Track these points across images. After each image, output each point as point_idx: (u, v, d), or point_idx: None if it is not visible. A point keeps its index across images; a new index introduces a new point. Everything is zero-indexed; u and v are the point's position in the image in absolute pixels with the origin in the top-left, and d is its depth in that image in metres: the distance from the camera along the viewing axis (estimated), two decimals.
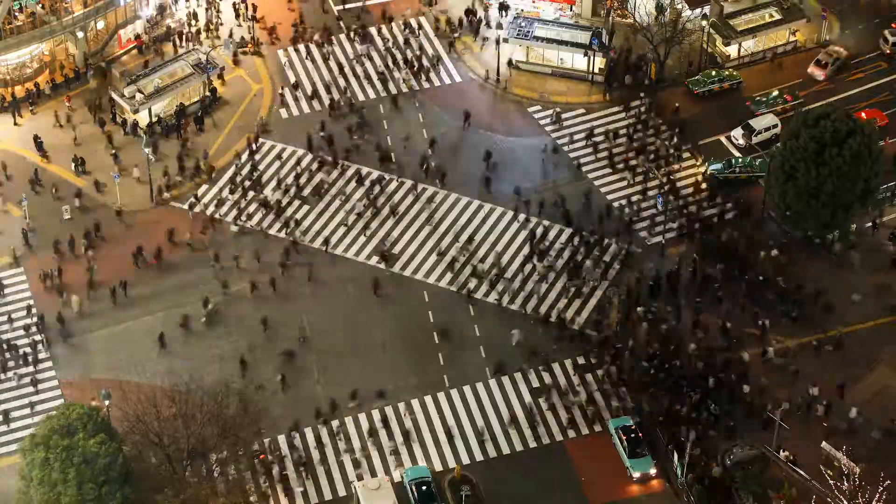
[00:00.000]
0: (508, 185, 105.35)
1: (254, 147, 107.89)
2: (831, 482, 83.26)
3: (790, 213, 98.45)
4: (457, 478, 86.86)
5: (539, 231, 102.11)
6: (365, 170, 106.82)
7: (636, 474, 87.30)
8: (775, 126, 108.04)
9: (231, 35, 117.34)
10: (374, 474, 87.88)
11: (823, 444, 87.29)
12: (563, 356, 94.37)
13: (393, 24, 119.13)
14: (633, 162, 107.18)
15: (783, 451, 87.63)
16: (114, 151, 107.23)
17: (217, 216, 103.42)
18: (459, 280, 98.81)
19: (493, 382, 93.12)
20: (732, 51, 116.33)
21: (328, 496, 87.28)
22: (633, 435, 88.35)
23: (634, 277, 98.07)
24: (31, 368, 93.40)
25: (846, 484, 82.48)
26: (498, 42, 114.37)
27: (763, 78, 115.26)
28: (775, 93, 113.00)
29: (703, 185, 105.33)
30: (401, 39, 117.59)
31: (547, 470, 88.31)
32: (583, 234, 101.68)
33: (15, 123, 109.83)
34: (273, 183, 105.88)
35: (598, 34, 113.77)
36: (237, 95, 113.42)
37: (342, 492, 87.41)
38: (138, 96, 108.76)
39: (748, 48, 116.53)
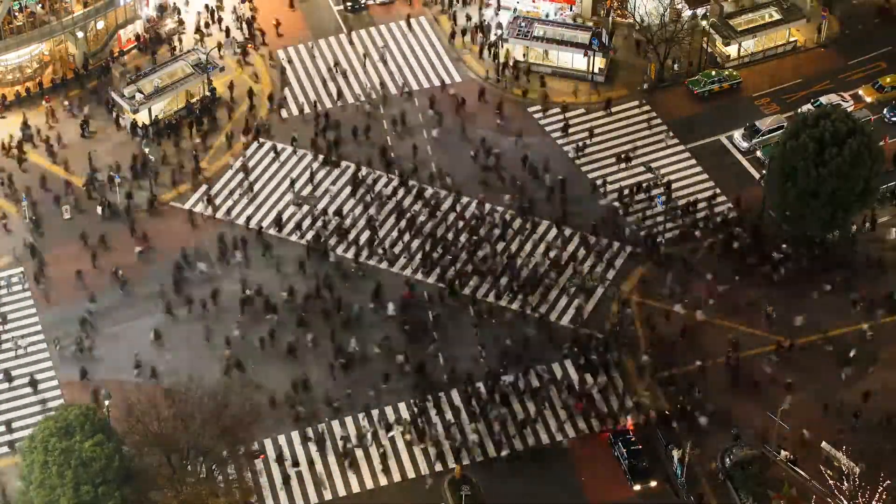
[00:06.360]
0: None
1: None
2: (831, 482, 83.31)
3: (790, 213, 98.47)
4: (457, 478, 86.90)
5: (543, 231, 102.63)
6: (365, 170, 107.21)
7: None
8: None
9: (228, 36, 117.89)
10: (374, 474, 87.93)
11: (823, 444, 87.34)
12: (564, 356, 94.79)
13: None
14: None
15: (783, 451, 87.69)
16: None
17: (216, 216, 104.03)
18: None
19: (492, 382, 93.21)
20: (732, 51, 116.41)
21: (328, 496, 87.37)
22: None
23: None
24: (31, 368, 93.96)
25: (846, 484, 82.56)
26: (498, 42, 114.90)
27: (763, 78, 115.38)
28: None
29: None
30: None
31: (547, 470, 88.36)
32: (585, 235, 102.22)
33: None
34: (275, 182, 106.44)
35: (598, 34, 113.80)
36: (237, 95, 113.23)
37: (342, 492, 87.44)
38: (138, 96, 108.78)
39: (748, 48, 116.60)
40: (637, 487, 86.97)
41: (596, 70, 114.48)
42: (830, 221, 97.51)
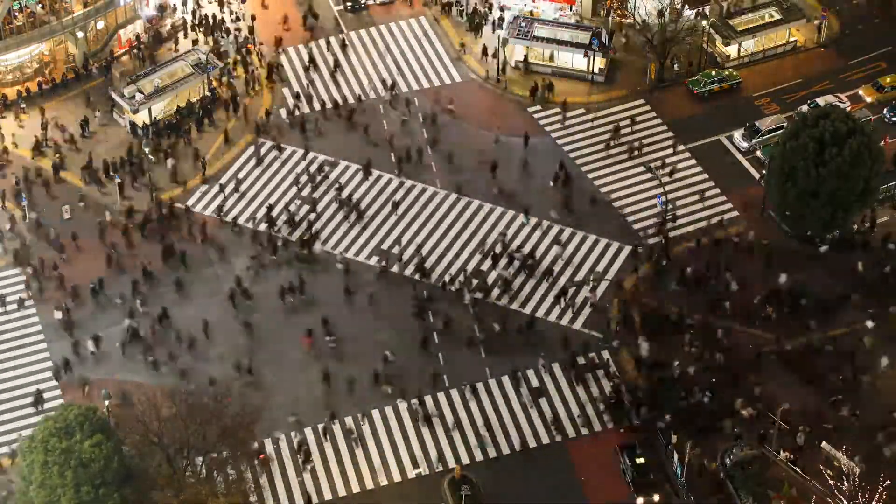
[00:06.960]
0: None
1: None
2: (831, 482, 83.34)
3: (790, 213, 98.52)
4: (457, 478, 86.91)
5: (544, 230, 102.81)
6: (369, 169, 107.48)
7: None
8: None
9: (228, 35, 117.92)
10: (374, 474, 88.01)
11: (823, 444, 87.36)
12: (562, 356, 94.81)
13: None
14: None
15: (783, 451, 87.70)
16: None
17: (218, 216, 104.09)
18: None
19: (492, 382, 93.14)
20: (732, 51, 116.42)
21: (328, 496, 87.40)
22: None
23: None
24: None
25: (846, 484, 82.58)
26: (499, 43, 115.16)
27: (763, 78, 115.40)
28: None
29: None
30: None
31: (547, 470, 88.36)
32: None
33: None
34: (274, 183, 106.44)
35: (598, 34, 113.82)
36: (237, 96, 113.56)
37: (342, 492, 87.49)
38: (138, 96, 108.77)
39: (748, 48, 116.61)
40: (640, 501, 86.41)
41: (596, 70, 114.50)
42: (830, 221, 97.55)
